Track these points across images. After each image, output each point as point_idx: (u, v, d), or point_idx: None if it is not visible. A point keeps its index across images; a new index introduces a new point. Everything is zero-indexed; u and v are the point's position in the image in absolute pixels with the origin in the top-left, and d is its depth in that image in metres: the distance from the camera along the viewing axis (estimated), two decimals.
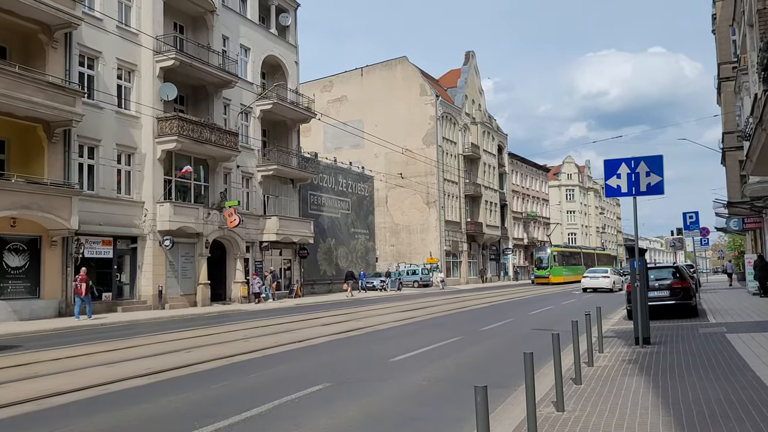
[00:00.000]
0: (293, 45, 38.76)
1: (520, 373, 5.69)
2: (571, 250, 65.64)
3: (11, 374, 10.12)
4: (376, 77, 60.86)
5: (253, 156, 34.13)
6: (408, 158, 55.31)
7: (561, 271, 56.80)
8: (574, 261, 61.87)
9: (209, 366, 10.50)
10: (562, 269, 57.06)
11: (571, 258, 61.78)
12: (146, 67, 27.08)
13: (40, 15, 21.75)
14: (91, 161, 24.72)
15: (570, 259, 61.18)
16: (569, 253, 62.82)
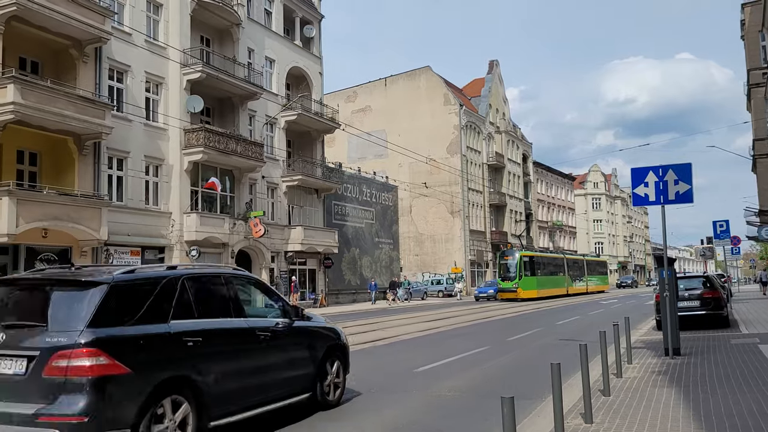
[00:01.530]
0: (317, 56, 39.08)
1: (548, 384, 5.63)
2: (549, 255, 51.83)
3: None
4: (400, 87, 61.03)
5: (278, 166, 34.41)
6: (432, 168, 55.26)
7: (533, 283, 43.85)
8: (552, 270, 48.86)
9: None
10: (535, 281, 44.10)
11: (548, 266, 48.16)
12: (173, 79, 27.53)
13: (71, 30, 22.26)
14: (120, 173, 25.15)
15: (547, 268, 47.80)
16: (546, 259, 48.83)
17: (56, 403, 4.87)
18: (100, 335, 5.06)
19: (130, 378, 5.12)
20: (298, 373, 7.28)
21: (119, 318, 5.32)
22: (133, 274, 5.76)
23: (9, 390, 5.01)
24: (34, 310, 5.48)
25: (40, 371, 4.96)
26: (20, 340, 5.17)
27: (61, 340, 5.00)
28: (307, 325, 7.70)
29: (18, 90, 19.86)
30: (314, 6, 39.66)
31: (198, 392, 5.72)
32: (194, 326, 5.93)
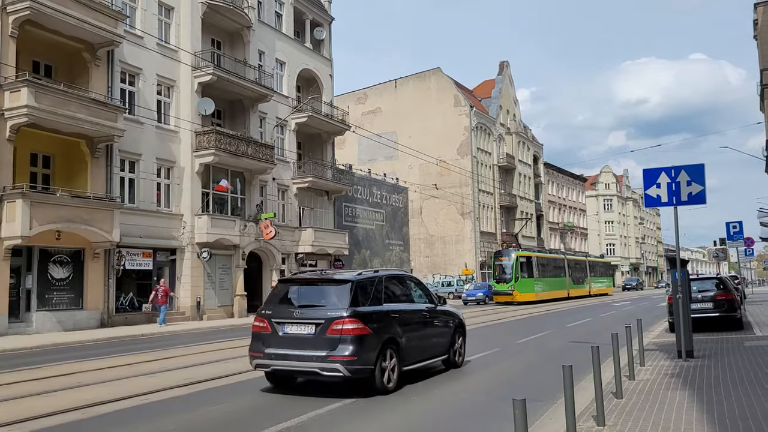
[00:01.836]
0: (328, 58, 39.16)
1: (559, 387, 5.61)
2: (549, 256, 47.96)
3: (58, 383, 10.37)
4: (410, 89, 61.02)
5: (289, 168, 34.50)
6: (442, 169, 55.20)
7: (532, 285, 40.87)
8: (552, 271, 45.60)
9: (247, 377, 10.58)
10: (532, 283, 41.01)
11: (547, 267, 44.81)
12: (185, 82, 27.68)
13: (84, 34, 22.44)
14: (132, 175, 25.31)
15: (547, 270, 44.47)
16: (545, 260, 45.15)
17: (337, 350, 8.36)
18: (355, 310, 8.55)
19: (371, 336, 8.58)
20: (440, 341, 10.67)
21: (361, 301, 8.81)
22: (361, 276, 9.31)
23: (306, 343, 8.59)
24: (316, 296, 9.08)
25: (324, 332, 8.47)
26: (310, 314, 8.72)
27: (336, 314, 8.51)
28: (444, 309, 11.04)
29: (32, 93, 20.07)
30: (324, 8, 39.74)
31: (399, 348, 9.12)
32: (395, 307, 9.53)
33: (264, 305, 9.41)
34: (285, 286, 9.58)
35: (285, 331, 8.79)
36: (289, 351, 8.64)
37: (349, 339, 8.34)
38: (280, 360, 8.70)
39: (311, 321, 8.60)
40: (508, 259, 40.06)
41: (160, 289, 23.88)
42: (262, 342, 8.96)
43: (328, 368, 8.36)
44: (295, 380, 9.62)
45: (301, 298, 9.12)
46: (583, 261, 54.32)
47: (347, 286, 8.83)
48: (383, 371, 8.68)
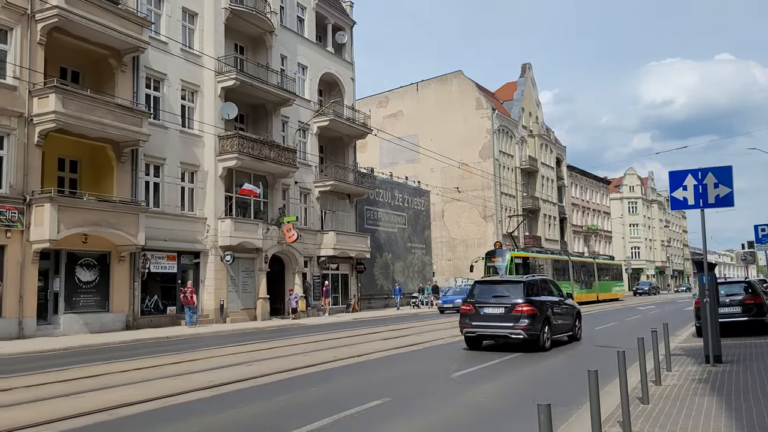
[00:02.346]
0: (349, 62, 39.30)
1: (584, 391, 5.54)
2: (550, 257, 42.59)
3: (85, 384, 10.52)
4: (432, 92, 60.96)
5: (311, 172, 34.65)
6: (464, 172, 55.02)
7: None
8: (553, 274, 40.79)
9: (270, 379, 10.64)
10: None
11: (547, 270, 40.18)
12: (208, 87, 27.96)
13: (110, 41, 22.80)
14: (157, 179, 25.62)
15: (547, 272, 39.72)
16: (545, 261, 40.61)
17: (519, 322, 13.90)
18: (528, 299, 14.14)
19: (537, 315, 14.09)
20: (568, 322, 16.25)
21: (530, 294, 14.39)
22: (527, 279, 15.17)
23: (499, 318, 14.22)
24: (502, 290, 14.72)
25: (511, 311, 14.05)
26: (501, 301, 14.37)
27: (517, 301, 14.11)
28: (569, 302, 16.93)
29: (59, 99, 20.44)
30: (346, 12, 39.91)
31: (550, 323, 14.63)
32: (546, 298, 15.13)
33: (468, 296, 15.29)
34: (481, 285, 15.55)
35: (484, 312, 14.56)
36: (488, 323, 14.51)
37: (526, 316, 14.01)
38: (482, 329, 14.63)
39: (502, 305, 14.36)
40: (501, 261, 35.59)
41: (188, 291, 24.50)
42: (468, 318, 14.77)
43: (514, 333, 14.06)
44: (481, 343, 15.15)
45: (493, 292, 14.92)
46: (590, 263, 49.85)
47: (521, 285, 14.68)
48: (543, 337, 14.28)
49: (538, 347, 14.08)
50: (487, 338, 15.05)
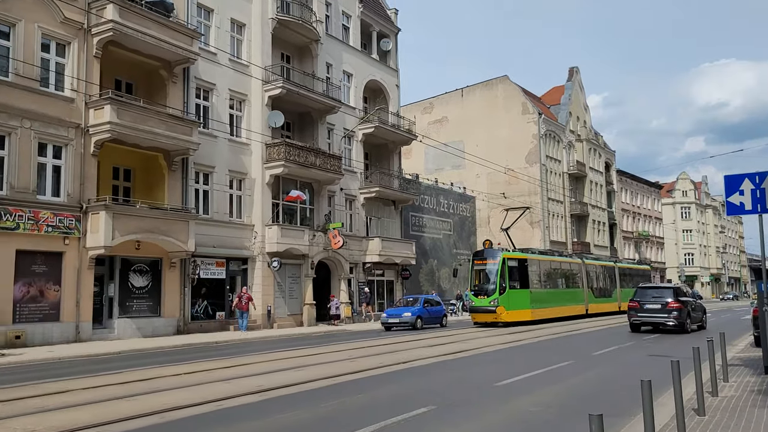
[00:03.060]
0: (394, 69, 39.44)
1: (636, 402, 5.39)
2: (556, 259, 34.44)
3: (138, 387, 10.80)
4: (477, 97, 60.62)
5: (356, 179, 34.86)
6: (510, 178, 54.46)
7: (526, 298, 29.11)
8: (560, 280, 33.72)
9: (317, 385, 10.71)
10: (527, 295, 29.20)
11: (552, 274, 32.88)
12: (256, 96, 28.47)
13: (162, 53, 23.46)
14: (206, 187, 26.19)
15: (551, 277, 32.62)
16: (548, 264, 32.68)
17: (671, 315, 21.58)
18: (677, 298, 22.29)
19: (683, 309, 21.78)
20: (699, 315, 23.65)
21: (677, 294, 22.65)
22: (674, 284, 26.30)
23: (657, 311, 21.96)
24: (659, 292, 22.74)
25: (666, 306, 21.69)
26: (658, 300, 22.09)
27: (670, 300, 21.96)
28: (699, 302, 24.71)
29: (114, 110, 21.12)
30: (390, 20, 40.09)
31: (690, 315, 22.51)
32: (684, 298, 23.04)
33: (634, 296, 22.85)
34: (644, 289, 23.20)
35: (646, 307, 21.93)
36: (649, 315, 21.83)
37: (676, 309, 21.23)
38: (645, 319, 21.93)
39: (659, 302, 21.61)
40: (491, 263, 28.54)
41: (243, 296, 25.27)
42: (635, 311, 22.22)
43: (669, 322, 21.08)
44: (639, 328, 22.50)
45: (653, 293, 22.54)
46: (611, 267, 42.01)
47: (672, 289, 22.84)
48: (687, 324, 21.41)
49: (685, 330, 21.37)
50: (646, 325, 22.25)
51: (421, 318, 27.07)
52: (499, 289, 27.86)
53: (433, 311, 28.42)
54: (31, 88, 19.97)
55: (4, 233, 18.87)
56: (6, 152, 19.37)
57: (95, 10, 21.55)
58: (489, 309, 27.80)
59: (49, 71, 20.80)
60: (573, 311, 33.89)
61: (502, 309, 27.70)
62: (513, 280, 28.58)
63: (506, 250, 29.71)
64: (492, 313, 27.74)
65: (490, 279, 28.46)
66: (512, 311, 28.01)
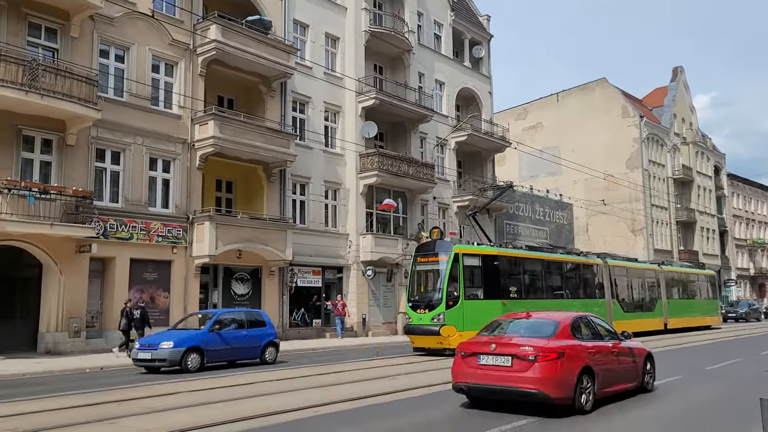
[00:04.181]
0: (487, 76, 39.05)
1: (755, 420, 4.99)
2: (548, 257, 24.11)
3: (240, 392, 11.20)
4: (573, 101, 58.90)
5: (449, 187, 34.72)
6: (610, 184, 52.40)
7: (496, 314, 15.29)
8: (565, 288, 24.48)
9: (412, 394, 10.69)
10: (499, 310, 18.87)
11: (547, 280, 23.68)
12: (349, 107, 29.02)
13: (261, 69, 24.41)
14: (303, 197, 26.92)
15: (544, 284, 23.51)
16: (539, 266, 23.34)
17: None
18: None
19: None
20: None
21: None
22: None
23: None
24: None
25: None
26: None
27: None
28: None
29: (217, 125, 22.19)
30: (483, 26, 39.76)
31: None
32: None
33: None
34: None
35: None
36: None
37: None
38: None
39: None
40: (440, 260, 19.48)
41: (339, 303, 26.12)
42: None
43: None
44: None
45: None
46: (651, 271, 31.31)
47: None
48: None
49: None
50: None
51: (200, 351, 15.30)
52: (446, 299, 18.63)
53: (238, 337, 16.41)
54: (142, 106, 21.34)
55: (120, 243, 20.20)
56: (121, 167, 20.77)
57: (200, 31, 22.76)
58: (430, 329, 18.56)
59: (159, 90, 22.16)
60: None
61: (450, 330, 18.18)
62: (472, 287, 19.51)
63: (479, 244, 21.24)
64: (434, 335, 18.42)
65: (435, 285, 19.49)
66: (469, 333, 16.09)
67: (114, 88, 20.89)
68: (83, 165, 19.59)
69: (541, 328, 9.38)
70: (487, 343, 9.05)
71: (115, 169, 20.70)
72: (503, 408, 8.88)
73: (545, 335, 9.04)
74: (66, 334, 18.70)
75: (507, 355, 8.65)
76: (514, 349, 8.67)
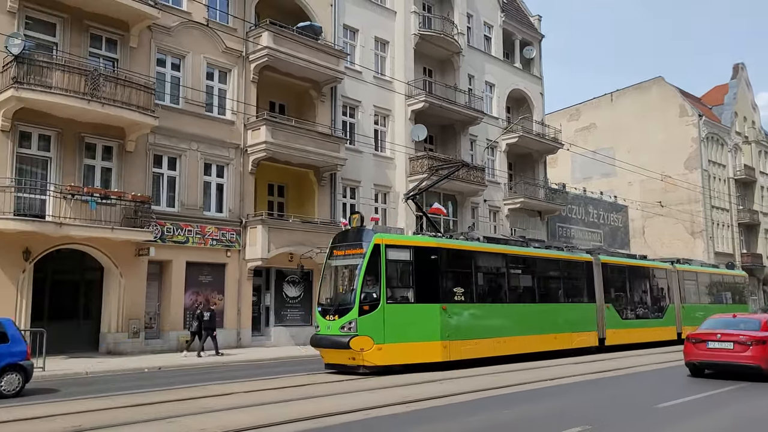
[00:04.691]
0: (538, 77, 38.51)
1: None
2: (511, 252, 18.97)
3: (293, 393, 11.34)
4: (628, 101, 57.47)
5: (500, 190, 34.36)
6: (667, 185, 50.89)
7: (431, 322, 15.54)
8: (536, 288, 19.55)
9: (463, 398, 10.61)
10: (435, 316, 15.61)
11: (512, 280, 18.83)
12: (399, 111, 29.05)
13: (311, 74, 24.71)
14: (353, 201, 27.07)
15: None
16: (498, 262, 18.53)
17: None
18: None
19: None
20: None
21: None
22: None
23: None
24: None
25: None
26: None
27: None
28: None
29: (269, 130, 22.57)
30: (534, 26, 39.24)
31: None
32: None
33: None
34: None
35: None
36: None
37: None
38: None
39: None
40: (355, 254, 15.32)
41: None
42: None
43: None
44: None
45: None
46: (661, 270, 26.40)
47: None
48: None
49: None
50: None
51: None
52: (359, 302, 14.42)
53: None
54: (197, 113, 21.89)
55: (177, 246, 20.75)
56: (177, 172, 21.35)
57: (252, 38, 23.22)
58: (338, 341, 14.43)
59: (213, 96, 22.69)
60: (562, 342, 19.47)
61: (365, 342, 14.23)
62: (399, 287, 15.34)
63: (380, 232, 15.68)
64: (343, 348, 14.33)
65: (349, 285, 15.45)
66: (392, 346, 14.44)
67: (170, 95, 21.51)
68: (141, 171, 20.22)
69: (749, 324, 13.71)
70: (713, 333, 13.47)
71: (171, 175, 21.29)
72: (721, 377, 13.21)
73: (754, 328, 13.33)
74: (126, 334, 19.32)
75: (730, 341, 13.11)
76: (735, 337, 13.11)
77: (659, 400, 10.37)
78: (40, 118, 17.97)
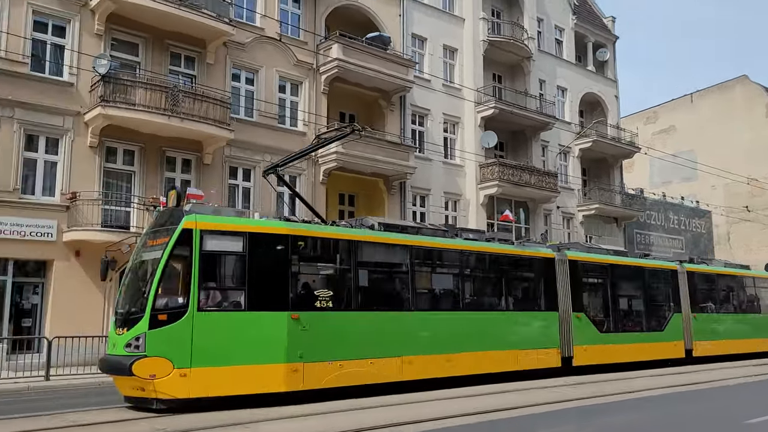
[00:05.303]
0: (612, 79, 37.46)
1: None
2: (372, 239, 13.35)
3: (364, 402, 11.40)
4: (709, 102, 54.99)
5: (573, 196, 33.55)
6: (754, 189, 48.28)
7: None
8: (407, 285, 13.71)
9: (501, 416, 10.17)
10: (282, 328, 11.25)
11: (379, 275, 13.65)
12: (468, 118, 28.89)
13: (380, 84, 24.96)
14: (423, 209, 27.09)
15: (376, 280, 13.49)
16: (358, 252, 12.95)
17: None
18: None
19: None
20: None
21: None
22: None
23: None
24: None
25: None
26: None
27: None
28: None
29: None
30: (607, 28, 38.22)
31: None
32: None
33: None
34: None
35: None
36: None
37: None
38: None
39: None
40: (158, 244, 10.98)
41: None
42: None
43: None
44: None
45: None
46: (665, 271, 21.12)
47: None
48: None
49: None
50: None
51: None
52: (150, 310, 10.36)
53: None
54: (270, 125, 22.53)
55: None
56: (252, 184, 22.01)
57: (323, 51, 23.70)
58: (119, 364, 10.41)
59: (285, 109, 23.30)
60: (493, 363, 14.72)
61: (159, 366, 10.19)
62: (222, 288, 11.30)
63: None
64: (125, 375, 10.31)
65: (145, 286, 10.89)
66: (205, 371, 10.45)
67: (245, 108, 22.24)
68: (218, 182, 20.96)
69: None
70: None
71: (246, 186, 21.96)
72: None
73: None
74: None
75: None
76: None
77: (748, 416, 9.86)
78: (125, 134, 18.97)
